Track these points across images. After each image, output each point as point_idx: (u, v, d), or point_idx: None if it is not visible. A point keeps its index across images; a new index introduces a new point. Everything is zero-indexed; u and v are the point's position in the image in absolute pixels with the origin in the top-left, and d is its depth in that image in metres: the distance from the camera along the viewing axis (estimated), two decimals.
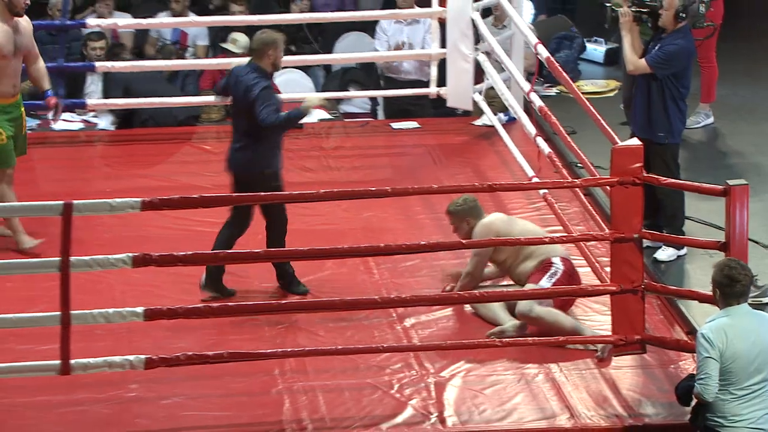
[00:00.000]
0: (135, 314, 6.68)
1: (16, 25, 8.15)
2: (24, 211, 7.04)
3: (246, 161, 7.61)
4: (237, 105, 7.66)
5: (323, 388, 6.91)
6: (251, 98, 7.49)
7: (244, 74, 7.60)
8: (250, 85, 7.51)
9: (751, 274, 6.01)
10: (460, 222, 7.57)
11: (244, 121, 7.59)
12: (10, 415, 6.63)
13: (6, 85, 8.17)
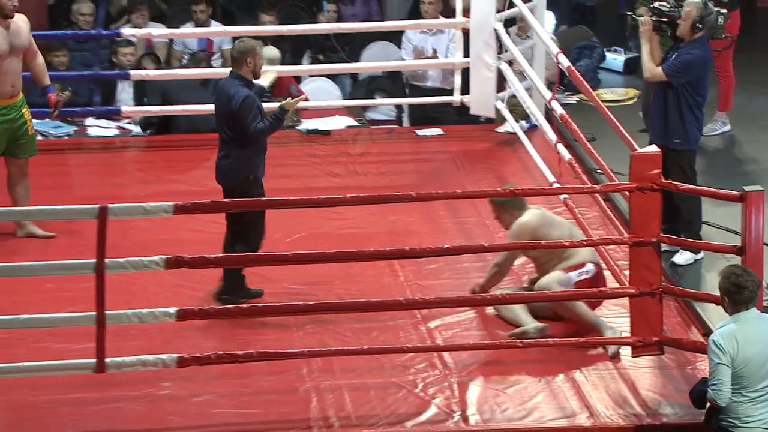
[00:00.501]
0: (167, 314, 6.71)
1: (9, 25, 8.14)
2: (61, 214, 7.05)
3: (228, 169, 7.54)
4: (219, 114, 7.56)
5: (349, 386, 6.91)
6: (233, 108, 7.41)
7: (226, 84, 7.53)
8: (231, 95, 7.43)
9: (757, 279, 6.00)
10: (503, 213, 7.53)
11: (226, 129, 7.51)
12: (47, 412, 6.65)
13: (4, 86, 8.18)
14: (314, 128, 10.33)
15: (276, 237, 8.30)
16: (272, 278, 7.74)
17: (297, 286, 7.74)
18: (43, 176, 9.31)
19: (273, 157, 9.72)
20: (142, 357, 6.67)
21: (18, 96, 8.31)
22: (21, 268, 6.90)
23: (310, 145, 10.09)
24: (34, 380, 6.75)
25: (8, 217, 8.05)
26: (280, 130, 10.20)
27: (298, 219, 8.38)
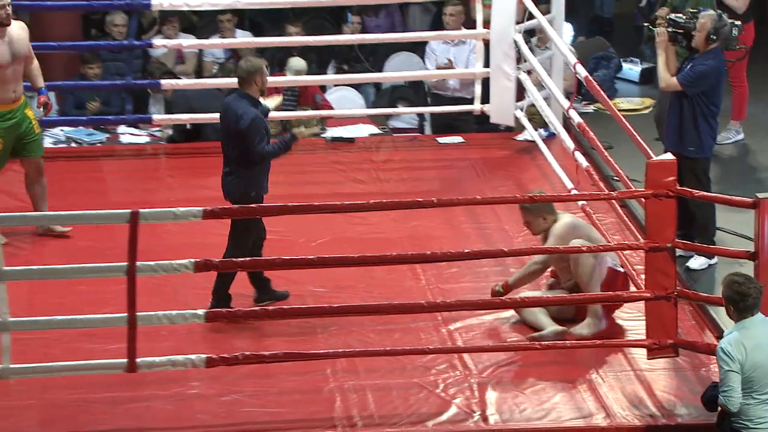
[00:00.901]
0: (196, 316, 6.73)
1: (7, 33, 8.19)
2: (94, 218, 7.09)
3: (232, 187, 7.48)
4: (226, 132, 7.49)
5: (372, 387, 6.92)
6: (241, 127, 7.35)
7: (233, 102, 7.46)
8: (239, 114, 7.37)
9: (759, 285, 6.01)
10: (535, 218, 7.47)
11: (233, 147, 7.44)
12: (80, 410, 6.69)
13: (6, 92, 8.23)
14: (339, 136, 10.35)
15: (301, 241, 8.34)
16: (297, 281, 7.76)
17: (321, 289, 7.75)
18: (77, 182, 9.39)
19: (299, 164, 9.84)
20: (171, 357, 6.70)
21: (20, 100, 8.37)
22: (56, 271, 6.94)
23: (335, 152, 10.10)
24: (68, 379, 6.79)
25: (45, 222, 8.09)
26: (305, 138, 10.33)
27: (322, 224, 8.39)
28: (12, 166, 9.31)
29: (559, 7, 10.17)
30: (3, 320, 6.53)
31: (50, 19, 10.67)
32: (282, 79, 10.53)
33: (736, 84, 9.99)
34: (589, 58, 11.23)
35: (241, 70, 7.52)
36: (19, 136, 8.36)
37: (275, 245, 8.11)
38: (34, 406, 6.71)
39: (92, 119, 10.28)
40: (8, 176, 9.27)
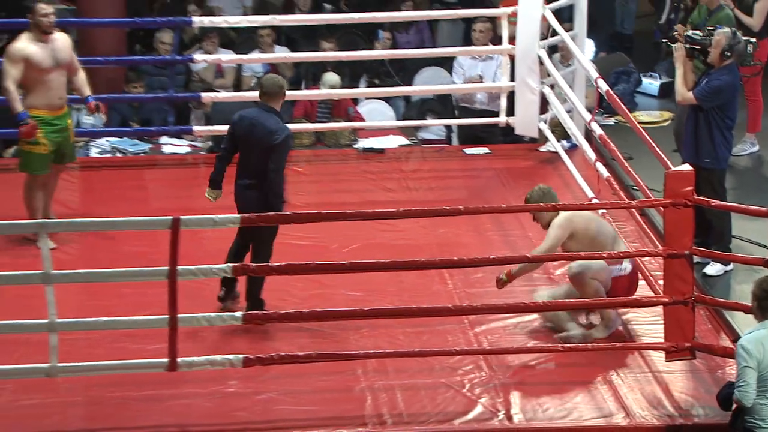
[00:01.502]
0: (234, 318, 6.75)
1: (52, 41, 8.26)
2: (137, 225, 7.11)
3: (256, 199, 7.34)
4: (255, 145, 7.31)
5: (401, 386, 6.92)
6: (273, 142, 7.23)
7: (261, 117, 7.33)
8: (273, 129, 7.25)
9: None
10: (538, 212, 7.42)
11: (260, 161, 7.30)
12: (124, 407, 6.71)
13: (52, 98, 8.29)
14: (370, 147, 10.35)
15: (334, 247, 8.34)
16: (330, 285, 7.75)
17: (353, 293, 7.75)
18: (121, 190, 9.41)
19: (332, 173, 9.85)
20: (210, 357, 6.71)
21: (65, 108, 8.45)
22: (101, 275, 6.97)
23: (366, 162, 10.10)
24: (112, 377, 6.81)
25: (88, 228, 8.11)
26: (338, 149, 10.35)
27: (354, 230, 8.39)
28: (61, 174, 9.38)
29: (582, 24, 10.15)
30: (51, 321, 6.56)
31: (97, 36, 10.71)
32: (316, 92, 10.55)
33: (751, 98, 9.94)
34: (610, 73, 11.20)
35: (271, 85, 7.42)
36: (61, 144, 8.42)
37: (309, 251, 8.14)
38: (79, 403, 6.73)
39: (136, 130, 10.32)
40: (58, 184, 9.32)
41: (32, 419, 6.59)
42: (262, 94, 7.47)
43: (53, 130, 8.35)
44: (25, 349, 6.94)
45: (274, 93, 7.42)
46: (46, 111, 8.30)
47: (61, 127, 8.39)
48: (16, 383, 6.75)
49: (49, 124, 8.32)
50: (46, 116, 8.31)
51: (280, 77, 7.56)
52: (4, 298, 7.37)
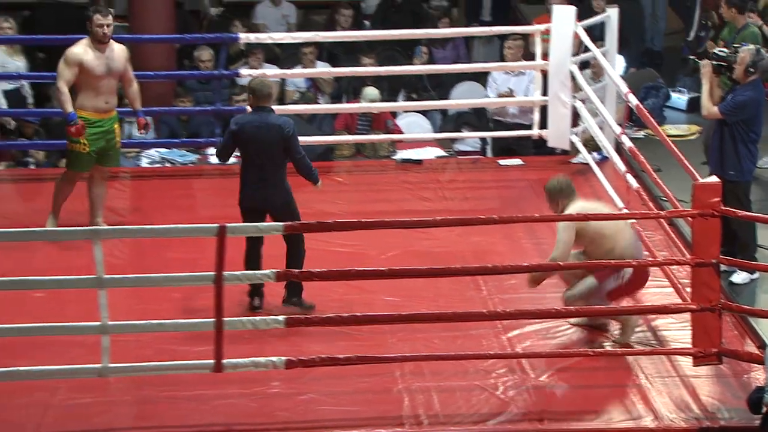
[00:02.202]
0: (277, 321, 6.75)
1: (107, 50, 8.39)
2: (186, 232, 7.13)
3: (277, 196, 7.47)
4: (266, 145, 7.40)
5: (437, 388, 6.90)
6: (286, 134, 7.39)
7: (263, 116, 7.43)
8: (281, 123, 7.40)
9: None
10: (552, 201, 7.39)
11: (276, 157, 7.44)
12: (171, 406, 6.73)
13: (99, 102, 8.41)
14: (407, 158, 10.35)
15: (372, 254, 8.33)
16: (369, 290, 7.75)
17: (391, 298, 7.74)
18: (171, 198, 9.46)
19: (371, 183, 9.86)
20: (254, 359, 6.72)
21: (112, 112, 8.53)
22: (151, 280, 6.99)
23: (404, 172, 10.10)
24: (160, 378, 6.83)
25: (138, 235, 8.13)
26: (377, 160, 10.35)
27: (392, 238, 8.38)
28: (112, 184, 9.45)
29: (613, 41, 10.11)
30: (103, 324, 6.59)
31: (148, 52, 10.78)
32: (356, 105, 10.57)
33: None
34: (639, 88, 11.15)
35: (267, 87, 7.52)
36: (104, 147, 8.51)
37: (350, 257, 8.14)
38: (129, 402, 6.76)
39: (185, 142, 10.36)
40: (109, 193, 9.38)
41: (85, 417, 6.63)
42: (256, 98, 7.51)
43: (95, 131, 8.47)
44: (78, 351, 6.98)
45: (268, 94, 7.53)
46: (91, 113, 8.45)
47: (105, 129, 8.50)
48: (70, 382, 6.79)
49: (92, 125, 8.44)
50: (90, 117, 8.45)
51: (267, 79, 7.67)
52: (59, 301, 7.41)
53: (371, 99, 10.49)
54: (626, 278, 7.25)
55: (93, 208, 8.67)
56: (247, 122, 7.50)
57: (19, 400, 6.68)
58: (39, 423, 6.55)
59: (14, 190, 9.56)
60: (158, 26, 10.70)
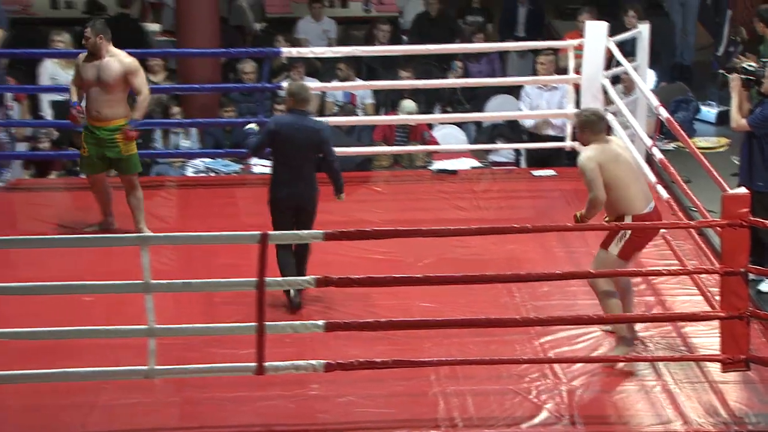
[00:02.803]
0: (317, 326, 6.75)
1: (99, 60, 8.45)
2: (229, 239, 7.16)
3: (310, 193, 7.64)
4: (301, 147, 7.53)
5: (472, 392, 6.88)
6: (322, 137, 7.55)
7: (299, 119, 7.54)
8: (317, 127, 7.56)
9: None
10: (579, 130, 7.21)
11: (309, 158, 7.58)
12: (215, 408, 6.75)
13: (91, 110, 8.50)
14: (443, 168, 10.34)
15: (409, 261, 8.33)
16: (406, 297, 7.74)
17: (427, 304, 7.73)
18: (215, 206, 9.49)
19: (408, 192, 9.86)
20: (295, 362, 6.72)
21: (108, 122, 8.52)
22: (196, 285, 7.01)
23: (440, 182, 10.09)
24: (204, 380, 6.85)
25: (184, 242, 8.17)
26: (414, 170, 10.35)
27: (428, 246, 8.37)
28: (159, 192, 9.51)
29: (644, 55, 10.06)
30: (150, 327, 6.61)
31: (194, 65, 10.84)
32: (394, 117, 10.58)
33: None
34: (670, 102, 11.10)
35: (303, 91, 7.63)
36: (110, 155, 8.57)
37: (387, 264, 8.14)
38: (174, 403, 6.78)
39: (228, 152, 10.41)
40: (156, 201, 9.46)
41: (131, 417, 6.66)
42: (295, 101, 7.62)
43: (91, 138, 8.56)
44: (125, 353, 7.01)
45: (306, 98, 7.63)
46: (88, 118, 8.56)
47: (99, 137, 8.54)
48: (117, 384, 6.82)
49: (88, 130, 8.56)
50: (87, 123, 8.55)
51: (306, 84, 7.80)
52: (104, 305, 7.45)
53: (408, 111, 10.50)
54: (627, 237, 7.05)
55: (134, 217, 8.73)
56: (286, 123, 7.60)
57: (67, 400, 6.72)
58: (86, 423, 6.59)
59: (65, 197, 9.62)
60: (204, 41, 10.75)
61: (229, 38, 11.89)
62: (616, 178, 7.01)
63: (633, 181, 7.06)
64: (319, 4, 12.91)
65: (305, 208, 7.67)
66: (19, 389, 6.72)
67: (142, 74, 8.56)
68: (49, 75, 10.78)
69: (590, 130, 7.13)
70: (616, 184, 7.01)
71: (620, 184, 7.02)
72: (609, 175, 7.01)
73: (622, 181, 7.02)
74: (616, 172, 7.02)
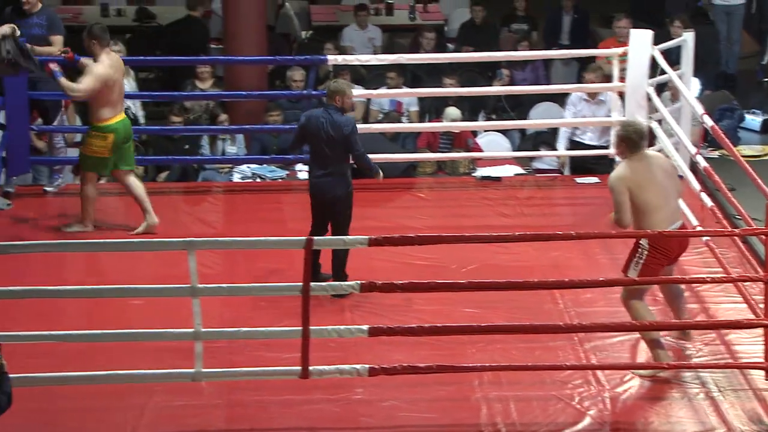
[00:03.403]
0: (361, 331, 6.78)
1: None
2: (274, 244, 7.20)
3: (334, 185, 7.84)
4: (327, 139, 7.76)
5: (515, 398, 6.87)
6: (345, 132, 7.74)
7: (327, 113, 7.79)
8: (342, 122, 7.77)
9: None
10: (618, 143, 7.17)
11: (335, 151, 7.77)
12: (260, 410, 6.78)
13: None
14: (487, 175, 10.33)
15: (453, 267, 8.33)
16: (450, 302, 7.75)
17: (470, 309, 7.73)
18: (262, 212, 9.54)
19: (452, 198, 9.85)
20: (339, 366, 6.75)
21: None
22: (242, 289, 7.06)
23: (484, 189, 10.08)
24: (250, 383, 6.89)
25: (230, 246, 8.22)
26: (458, 177, 10.35)
27: (472, 252, 8.36)
28: (205, 198, 9.58)
29: (689, 64, 10.01)
30: (197, 330, 6.67)
31: (241, 72, 10.90)
32: (438, 125, 10.58)
33: None
34: (714, 110, 11.03)
35: (329, 88, 7.95)
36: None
37: (431, 270, 8.14)
38: (220, 406, 6.82)
39: (274, 158, 10.46)
40: (203, 206, 9.52)
41: (179, 419, 6.71)
42: (327, 96, 7.93)
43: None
44: (173, 356, 7.07)
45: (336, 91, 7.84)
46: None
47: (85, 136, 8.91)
48: (165, 386, 6.87)
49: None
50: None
51: (342, 83, 8.02)
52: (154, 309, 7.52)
53: (453, 118, 10.50)
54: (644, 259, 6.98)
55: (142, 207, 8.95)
56: (314, 116, 7.88)
57: (118, 403, 6.78)
58: (136, 425, 6.64)
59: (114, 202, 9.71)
60: (251, 49, 10.81)
61: (275, 46, 11.95)
62: (643, 204, 6.96)
63: (661, 207, 6.96)
64: (364, 12, 12.95)
65: (334, 205, 7.87)
66: (72, 391, 6.80)
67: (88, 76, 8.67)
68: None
69: (628, 146, 7.09)
70: (643, 210, 6.96)
71: (647, 210, 6.95)
72: (637, 200, 6.96)
73: (649, 207, 6.95)
74: (644, 197, 6.95)
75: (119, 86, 8.79)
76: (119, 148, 8.76)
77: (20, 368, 6.70)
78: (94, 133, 8.71)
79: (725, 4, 12.85)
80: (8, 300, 7.18)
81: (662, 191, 7.00)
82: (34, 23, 9.34)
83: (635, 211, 6.98)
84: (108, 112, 8.68)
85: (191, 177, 10.35)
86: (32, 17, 9.33)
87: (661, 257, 7.00)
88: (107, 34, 8.72)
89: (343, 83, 8.02)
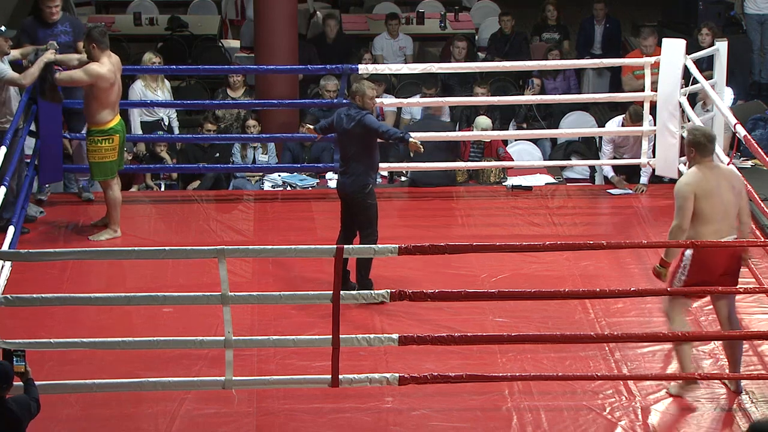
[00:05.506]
0: (391, 339, 6.78)
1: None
2: (305, 252, 7.21)
3: (350, 184, 7.91)
4: (348, 134, 7.92)
5: (545, 407, 6.85)
6: (358, 118, 7.84)
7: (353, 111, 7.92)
8: (353, 115, 7.88)
9: None
10: (687, 149, 7.03)
11: (352, 145, 7.90)
12: (290, 418, 6.79)
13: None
14: (518, 184, 10.30)
15: (483, 277, 8.32)
16: (480, 311, 7.73)
17: (501, 319, 7.71)
18: (292, 220, 9.55)
19: (483, 207, 9.83)
20: (369, 375, 6.75)
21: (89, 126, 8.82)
22: (272, 297, 7.07)
23: (515, 198, 10.05)
24: (280, 391, 6.90)
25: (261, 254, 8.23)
26: (488, 186, 10.32)
27: (502, 261, 8.36)
28: (236, 206, 9.61)
29: (721, 73, 9.94)
30: (228, 338, 6.68)
31: (273, 81, 10.93)
32: (469, 134, 10.56)
33: None
34: (747, 119, 10.96)
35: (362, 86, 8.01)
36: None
37: (461, 279, 8.13)
38: (251, 414, 6.83)
39: (305, 167, 10.48)
40: (234, 214, 9.54)
41: (209, 426, 6.72)
42: (350, 97, 8.12)
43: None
44: (203, 363, 7.08)
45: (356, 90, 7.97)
46: None
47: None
48: (196, 394, 6.89)
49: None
50: None
51: (363, 84, 8.07)
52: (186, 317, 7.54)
53: (483, 128, 10.48)
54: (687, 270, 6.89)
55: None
56: (340, 113, 8.03)
57: (150, 410, 6.81)
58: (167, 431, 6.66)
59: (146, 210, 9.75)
60: (282, 57, 10.84)
61: (306, 55, 11.97)
62: (702, 213, 6.85)
63: (715, 220, 6.86)
64: (395, 21, 12.96)
65: (351, 202, 7.95)
66: (104, 398, 6.83)
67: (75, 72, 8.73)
68: (138, 96, 10.97)
69: (698, 151, 6.96)
70: (701, 220, 6.85)
71: (704, 220, 6.85)
72: (698, 208, 6.85)
73: (707, 218, 6.85)
74: (701, 206, 6.85)
75: (118, 88, 8.83)
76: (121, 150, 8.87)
77: (53, 375, 6.76)
78: (99, 138, 8.77)
79: (758, 14, 12.78)
80: (41, 308, 7.22)
81: (721, 205, 6.89)
82: (59, 31, 9.38)
83: (692, 219, 6.85)
84: (109, 114, 8.74)
85: (222, 185, 10.39)
86: (56, 26, 9.37)
87: (703, 272, 6.88)
88: (106, 37, 8.75)
89: (365, 84, 8.08)
